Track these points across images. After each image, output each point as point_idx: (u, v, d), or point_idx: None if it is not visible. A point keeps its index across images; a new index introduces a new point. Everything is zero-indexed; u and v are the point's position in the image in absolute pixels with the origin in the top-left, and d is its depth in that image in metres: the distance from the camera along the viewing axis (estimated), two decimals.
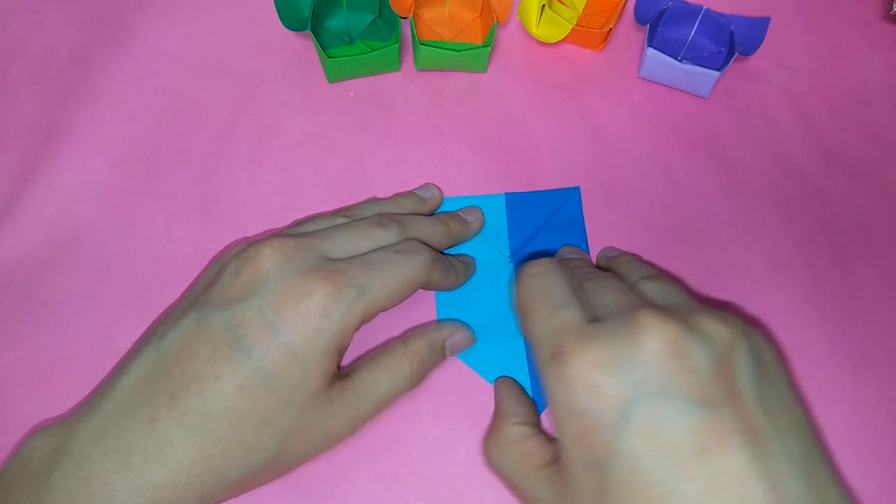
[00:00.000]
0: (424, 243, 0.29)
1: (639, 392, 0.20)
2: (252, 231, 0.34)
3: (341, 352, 0.26)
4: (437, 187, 0.34)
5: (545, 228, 0.34)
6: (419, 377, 0.29)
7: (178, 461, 0.23)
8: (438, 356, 0.30)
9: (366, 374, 0.27)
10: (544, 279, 0.26)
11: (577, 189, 0.35)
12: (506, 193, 0.35)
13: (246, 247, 0.27)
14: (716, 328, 0.22)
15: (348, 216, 0.30)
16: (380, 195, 0.34)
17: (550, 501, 0.23)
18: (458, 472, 0.29)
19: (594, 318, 0.23)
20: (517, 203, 0.35)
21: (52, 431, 0.25)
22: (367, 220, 0.29)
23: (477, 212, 0.34)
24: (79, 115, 0.37)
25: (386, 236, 0.29)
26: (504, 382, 0.30)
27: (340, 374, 0.27)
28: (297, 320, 0.24)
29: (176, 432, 0.23)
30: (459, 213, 0.33)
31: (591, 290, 0.26)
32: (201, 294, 0.27)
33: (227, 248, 0.30)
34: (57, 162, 0.36)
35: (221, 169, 0.36)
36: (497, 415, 0.28)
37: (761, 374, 0.22)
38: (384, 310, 0.27)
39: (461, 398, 0.31)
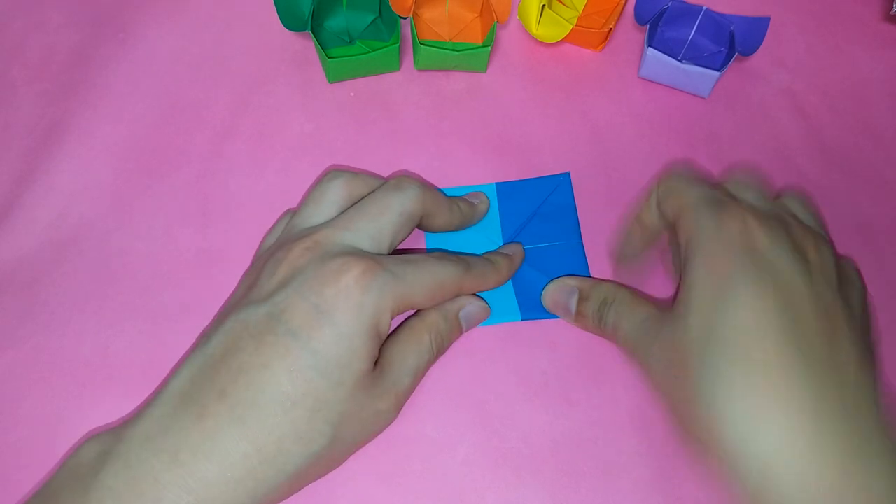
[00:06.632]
0: (450, 252, 0.30)
1: (780, 245, 0.25)
2: (252, 231, 0.34)
3: (380, 336, 0.26)
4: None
5: (537, 215, 0.34)
6: (438, 348, 0.29)
7: (228, 455, 0.23)
8: (454, 328, 0.30)
9: (393, 350, 0.28)
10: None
11: (567, 175, 0.35)
12: (496, 183, 0.35)
13: (276, 250, 0.28)
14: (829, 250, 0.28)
15: None
16: None
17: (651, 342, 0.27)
18: (458, 472, 0.29)
19: None
20: (508, 192, 0.35)
21: (101, 438, 0.25)
22: (381, 187, 0.29)
23: (482, 195, 0.34)
24: (79, 115, 0.37)
25: (403, 196, 0.29)
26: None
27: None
28: (339, 297, 0.25)
29: (226, 426, 0.23)
30: (466, 196, 0.34)
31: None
32: (241, 298, 0.27)
33: (258, 251, 0.31)
34: (57, 162, 0.36)
35: (221, 169, 0.36)
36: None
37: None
38: (417, 306, 0.27)
39: (461, 398, 0.31)
